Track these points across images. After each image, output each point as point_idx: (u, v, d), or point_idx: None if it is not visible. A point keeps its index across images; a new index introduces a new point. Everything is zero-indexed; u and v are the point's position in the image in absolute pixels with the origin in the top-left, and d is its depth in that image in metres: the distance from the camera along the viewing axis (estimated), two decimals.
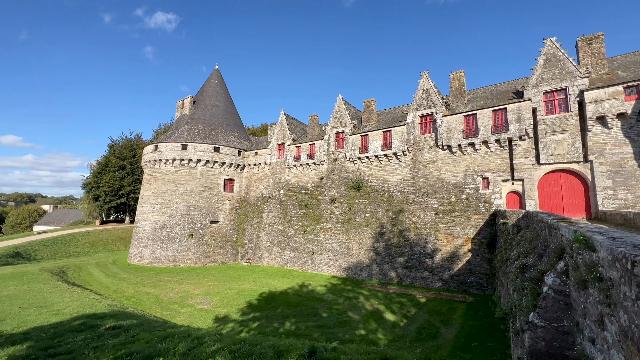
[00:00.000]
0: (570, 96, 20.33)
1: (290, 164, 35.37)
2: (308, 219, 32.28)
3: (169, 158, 36.32)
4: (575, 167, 20.03)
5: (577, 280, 4.65)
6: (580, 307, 4.80)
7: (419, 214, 25.20)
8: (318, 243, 30.76)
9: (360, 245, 27.82)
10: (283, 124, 38.00)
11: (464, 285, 22.02)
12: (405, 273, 24.73)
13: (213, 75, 45.64)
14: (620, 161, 18.55)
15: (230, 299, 20.96)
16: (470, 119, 23.75)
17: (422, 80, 27.31)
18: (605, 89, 18.93)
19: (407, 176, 26.62)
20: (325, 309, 18.53)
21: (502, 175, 22.21)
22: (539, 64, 21.69)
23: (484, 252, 21.62)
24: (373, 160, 28.98)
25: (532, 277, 6.81)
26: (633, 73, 19.60)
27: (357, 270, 27.40)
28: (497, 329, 14.02)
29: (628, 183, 18.21)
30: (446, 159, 24.79)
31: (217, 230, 36.77)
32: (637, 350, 2.64)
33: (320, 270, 29.94)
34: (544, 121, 21.12)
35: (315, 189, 32.81)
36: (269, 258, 34.76)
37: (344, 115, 32.22)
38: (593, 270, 3.89)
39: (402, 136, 27.00)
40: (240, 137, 42.52)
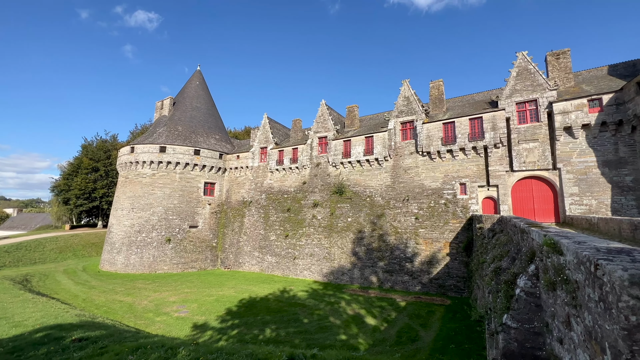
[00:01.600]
0: (540, 107, 21.47)
1: (273, 167, 35.10)
2: (290, 224, 32.05)
3: (146, 160, 35.10)
4: (545, 174, 21.10)
5: (547, 282, 4.86)
6: (550, 309, 5.01)
7: (400, 219, 25.63)
8: (300, 248, 30.56)
9: (342, 250, 27.89)
10: (266, 128, 37.73)
11: (443, 288, 22.51)
12: (386, 277, 24.99)
13: (194, 77, 44.76)
14: (585, 169, 19.72)
15: (209, 306, 20.35)
16: (448, 126, 24.53)
17: (403, 88, 28.00)
18: (571, 101, 20.15)
19: (389, 181, 27.06)
20: (306, 314, 18.36)
21: (478, 182, 23.03)
22: (512, 75, 22.81)
23: (462, 256, 22.24)
24: (355, 165, 29.27)
25: (505, 280, 7.06)
26: (596, 87, 20.98)
27: (339, 275, 27.41)
28: (474, 331, 14.39)
29: (592, 190, 19.37)
30: (426, 165, 25.43)
31: (196, 235, 35.75)
32: (600, 349, 2.77)
33: (302, 275, 29.72)
34: (516, 130, 22.15)
35: (297, 194, 32.68)
36: (249, 263, 34.15)
37: (327, 120, 32.43)
38: (561, 273, 4.08)
39: (383, 142, 27.48)
40: (222, 140, 41.80)
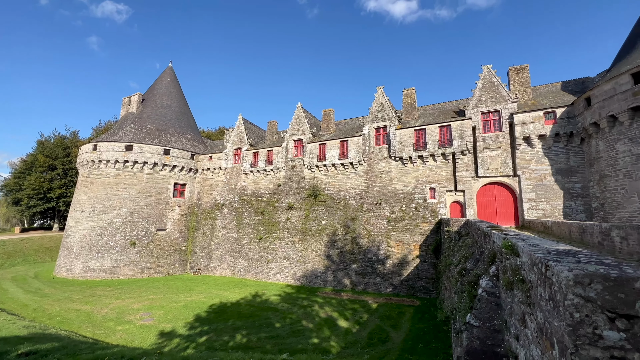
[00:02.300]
0: (503, 117, 22.96)
1: (247, 169, 34.50)
2: (264, 227, 31.60)
3: (110, 159, 33.11)
4: (506, 181, 22.53)
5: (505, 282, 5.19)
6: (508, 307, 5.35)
7: (373, 222, 26.16)
8: (274, 251, 30.21)
9: (316, 253, 27.94)
10: (240, 129, 37.05)
11: (413, 289, 23.23)
12: (359, 279, 25.35)
13: (166, 73, 43.02)
14: (541, 176, 21.33)
15: (177, 312, 19.49)
16: (420, 133, 25.50)
17: (377, 95, 28.74)
18: (529, 113, 21.75)
19: (362, 185, 27.56)
20: (279, 318, 18.14)
21: (446, 186, 24.10)
22: (478, 87, 24.21)
23: (430, 258, 23.10)
24: (330, 169, 29.52)
25: (469, 281, 7.44)
26: (551, 101, 22.82)
27: (312, 278, 27.40)
28: (441, 330, 14.96)
29: (547, 195, 20.98)
30: (398, 169, 26.22)
31: (164, 238, 34.17)
32: (550, 344, 3.01)
33: (275, 279, 29.36)
34: (481, 138, 23.50)
35: (272, 196, 32.33)
36: (221, 267, 33.18)
37: (303, 123, 32.48)
38: (517, 274, 4.38)
39: (358, 146, 27.98)
40: (194, 139, 40.43)
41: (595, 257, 3.05)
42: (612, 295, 2.32)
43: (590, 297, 2.37)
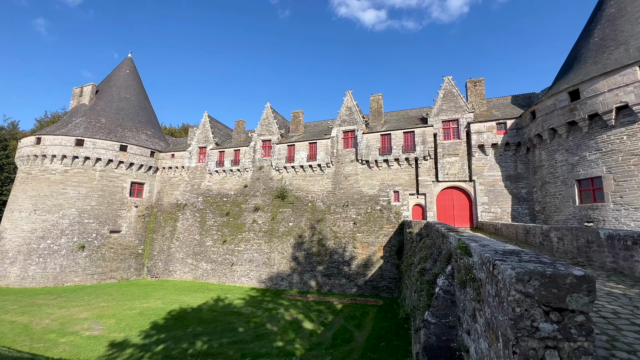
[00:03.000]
0: (461, 126, 24.57)
1: (212, 169, 33.31)
2: (229, 228, 30.68)
3: (57, 154, 30.16)
4: (463, 185, 24.10)
5: (459, 281, 5.55)
6: (461, 304, 5.72)
7: (339, 224, 26.54)
8: (239, 253, 29.43)
9: (283, 255, 27.69)
10: (206, 127, 35.71)
11: (376, 289, 23.90)
12: (325, 281, 25.55)
13: (124, 64, 40.20)
14: (493, 182, 23.11)
15: (130, 320, 18.20)
16: (385, 138, 26.41)
17: (346, 99, 29.31)
18: (484, 123, 23.50)
19: (330, 187, 27.88)
20: (242, 323, 17.69)
21: (409, 190, 25.19)
22: (440, 96, 25.68)
23: (394, 259, 23.96)
24: (298, 170, 29.50)
25: (428, 280, 7.83)
26: (502, 113, 24.85)
27: (278, 281, 27.11)
28: (402, 328, 15.57)
29: (498, 200, 22.77)
30: (364, 172, 26.91)
31: (118, 241, 31.78)
32: (495, 337, 3.27)
33: (240, 282, 28.60)
34: (442, 145, 24.92)
35: (238, 197, 31.52)
36: (181, 271, 31.61)
37: (272, 124, 32.13)
38: (469, 273, 4.70)
39: (326, 149, 28.28)
40: (155, 136, 38.18)
41: (535, 256, 3.38)
42: (547, 290, 2.58)
43: (529, 292, 2.62)
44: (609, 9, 19.41)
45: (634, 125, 15.48)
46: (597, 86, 16.62)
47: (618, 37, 17.70)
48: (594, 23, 19.99)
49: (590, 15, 21.19)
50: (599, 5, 20.63)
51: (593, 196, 17.10)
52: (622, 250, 7.83)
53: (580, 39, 20.95)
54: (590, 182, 17.27)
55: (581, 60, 19.19)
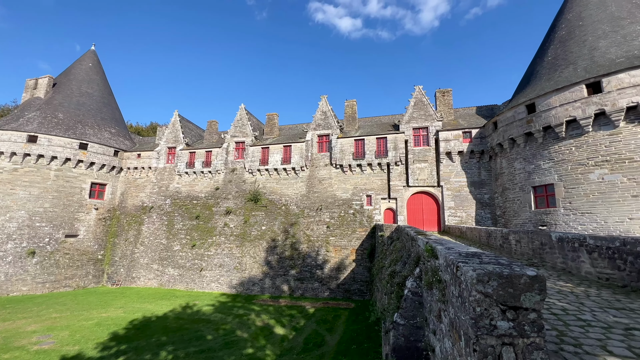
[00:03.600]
0: (430, 134, 25.66)
1: (182, 170, 32.03)
2: (199, 232, 29.59)
3: (5, 151, 27.53)
4: (432, 190, 25.12)
5: (426, 282, 5.76)
6: (428, 305, 5.94)
7: (313, 227, 26.56)
8: (208, 258, 28.44)
9: (255, 259, 27.16)
10: (176, 126, 34.35)
11: (348, 292, 24.13)
12: (297, 285, 25.38)
13: (87, 57, 37.69)
14: (459, 187, 24.32)
15: (86, 332, 16.90)
16: (359, 143, 26.93)
17: (321, 103, 29.56)
18: (451, 132, 24.72)
19: (304, 191, 27.86)
20: (211, 330, 17.07)
21: (381, 194, 25.82)
22: (411, 105, 26.68)
23: (366, 262, 24.36)
24: (272, 173, 29.20)
25: (397, 282, 8.05)
26: (468, 122, 26.30)
27: (250, 286, 26.52)
28: (373, 331, 15.82)
29: (463, 204, 23.98)
30: (338, 176, 27.21)
31: (74, 246, 29.47)
32: (458, 336, 3.43)
33: (209, 288, 27.61)
34: (412, 151, 25.86)
35: (209, 200, 30.54)
36: (146, 278, 29.93)
37: (246, 125, 31.60)
38: (436, 274, 4.90)
39: (301, 152, 28.28)
40: (120, 134, 36.05)
41: (494, 258, 3.60)
42: (504, 290, 2.76)
43: (489, 292, 2.79)
44: (560, 31, 21.32)
45: (581, 138, 17.04)
46: (550, 101, 18.13)
47: (568, 57, 19.47)
48: (548, 43, 21.85)
49: (545, 36, 23.13)
50: (552, 28, 22.59)
51: (546, 202, 18.54)
52: (570, 252, 8.55)
53: (536, 56, 22.78)
54: (544, 189, 18.72)
55: (537, 77, 20.86)
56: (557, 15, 22.60)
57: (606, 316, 4.87)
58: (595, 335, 4.08)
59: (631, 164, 15.26)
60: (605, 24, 19.04)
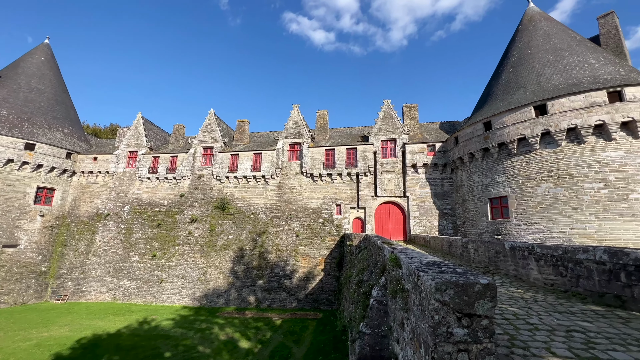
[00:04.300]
0: (397, 146, 26.71)
1: (144, 176, 30.27)
2: (160, 241, 27.93)
3: None
4: (398, 201, 26.00)
5: (391, 291, 5.91)
6: (393, 314, 6.07)
7: (282, 236, 26.22)
8: (170, 269, 26.87)
9: (220, 270, 26.13)
10: (139, 129, 32.55)
11: (316, 302, 23.96)
12: (264, 296, 24.75)
13: (39, 50, 34.74)
14: (424, 198, 25.43)
15: (23, 354, 15.09)
16: (330, 152, 27.30)
17: (293, 112, 29.68)
18: (417, 145, 25.93)
19: (274, 199, 27.52)
20: (170, 347, 16.03)
21: (350, 204, 26.23)
22: (380, 117, 27.67)
23: (334, 271, 24.42)
24: (241, 181, 28.56)
25: (364, 292, 8.16)
26: (432, 136, 27.77)
27: (214, 298, 25.38)
28: (340, 341, 15.79)
29: (427, 214, 25.06)
30: (309, 185, 27.27)
31: (14, 257, 26.42)
32: (418, 344, 3.54)
33: (170, 301, 26.01)
34: (381, 162, 26.69)
35: (172, 207, 29.06)
36: (98, 291, 27.53)
37: (215, 131, 30.77)
38: (399, 283, 5.05)
39: (271, 160, 28.02)
40: (74, 135, 33.37)
41: (452, 267, 3.79)
42: (460, 298, 2.91)
43: (446, 301, 2.92)
44: (512, 57, 23.46)
45: (530, 154, 18.69)
46: (504, 120, 19.75)
47: (519, 81, 21.44)
48: (502, 67, 23.91)
49: (500, 60, 25.30)
50: (505, 53, 24.80)
51: (501, 213, 19.95)
52: (521, 260, 9.23)
53: (492, 78, 24.79)
54: (499, 201, 20.16)
55: (493, 97, 22.67)
56: (510, 43, 24.87)
57: (551, 319, 5.30)
58: (541, 338, 4.41)
59: (572, 179, 16.96)
60: (550, 53, 21.28)
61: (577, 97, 17.34)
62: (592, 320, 5.22)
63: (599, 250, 6.46)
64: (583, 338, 4.36)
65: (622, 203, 15.57)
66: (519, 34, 24.41)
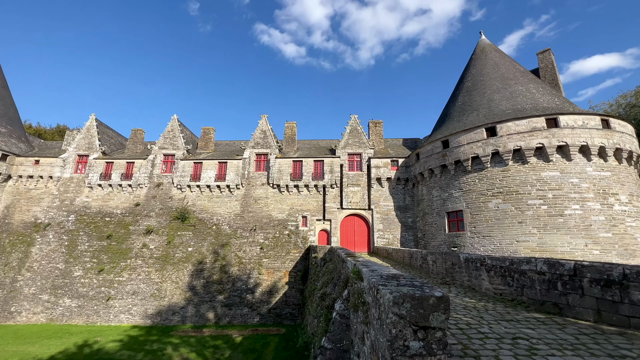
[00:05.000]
0: (363, 160, 27.50)
1: (94, 182, 27.87)
2: (109, 254, 25.62)
3: None
4: (363, 213, 26.56)
5: (353, 305, 5.94)
6: (354, 327, 6.09)
7: (245, 249, 25.39)
8: (119, 285, 24.65)
9: (177, 285, 24.50)
10: (92, 131, 30.13)
11: (280, 317, 23.30)
12: (225, 312, 23.57)
13: None
14: (387, 211, 26.25)
15: None
16: (297, 164, 27.31)
17: (261, 122, 29.43)
18: (381, 159, 26.90)
19: (238, 210, 26.72)
20: None
21: (316, 215, 26.27)
22: (347, 132, 28.40)
23: (298, 284, 24.04)
24: (204, 190, 27.42)
25: (327, 305, 8.10)
26: (396, 152, 29.02)
27: (169, 315, 23.64)
28: (303, 357, 15.41)
29: (390, 227, 25.85)
30: (275, 196, 26.92)
31: None
32: (377, 358, 3.57)
33: (117, 321, 23.73)
34: (347, 175, 27.22)
35: (126, 217, 26.96)
36: (30, 312, 24.34)
37: (178, 137, 29.43)
38: (361, 297, 5.10)
39: (237, 170, 27.34)
40: (12, 135, 29.96)
41: (410, 280, 3.92)
42: (416, 311, 3.00)
43: (403, 314, 2.99)
44: (467, 82, 25.57)
45: (482, 172, 20.23)
46: (459, 139, 21.26)
47: (473, 104, 23.35)
48: (458, 91, 25.92)
49: (456, 84, 27.43)
50: (461, 78, 26.96)
51: (457, 226, 21.18)
52: (474, 271, 9.81)
53: (449, 100, 26.73)
54: (456, 215, 21.42)
55: (450, 117, 24.38)
56: (465, 69, 27.13)
57: (499, 328, 5.65)
58: (490, 346, 4.67)
59: (517, 196, 18.59)
60: (498, 81, 23.53)
61: (521, 122, 19.25)
62: (535, 327, 5.65)
63: (539, 261, 7.08)
64: (527, 345, 4.69)
65: (558, 218, 17.33)
66: (473, 62, 26.74)
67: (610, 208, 17.23)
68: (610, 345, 4.64)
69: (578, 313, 6.10)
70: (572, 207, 17.34)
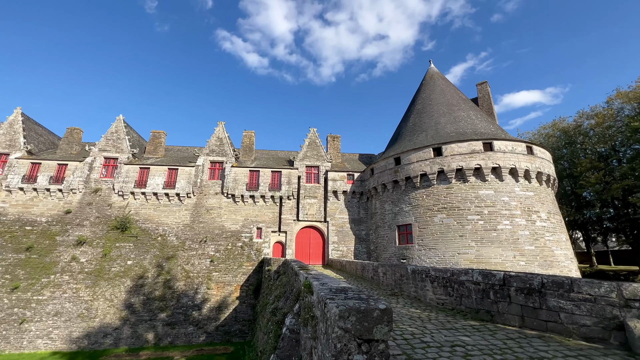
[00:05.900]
0: (320, 172, 27.89)
1: (14, 185, 24.24)
2: (28, 269, 22.20)
3: None
4: (319, 225, 26.71)
5: (303, 319, 5.85)
6: (304, 343, 5.98)
7: (194, 261, 23.84)
8: (38, 304, 21.37)
9: (111, 303, 21.98)
10: (15, 127, 26.41)
11: (228, 335, 22.04)
12: (167, 331, 21.64)
13: None
14: (342, 224, 26.74)
15: None
16: (254, 174, 26.74)
17: (218, 129, 28.44)
18: (338, 173, 27.55)
19: (188, 220, 25.15)
20: None
21: (272, 227, 25.77)
22: (305, 144, 28.68)
23: (250, 299, 23.10)
24: (150, 198, 25.40)
25: (277, 320, 7.88)
26: (352, 166, 29.97)
27: (99, 338, 20.99)
28: None
29: (345, 239, 26.32)
30: (229, 207, 25.90)
31: None
32: None
33: (33, 347, 20.41)
34: (304, 187, 27.31)
35: (53, 226, 23.75)
36: None
37: (123, 140, 27.08)
38: (310, 311, 5.05)
39: (189, 177, 25.88)
40: None
41: (357, 293, 3.99)
42: (360, 324, 3.05)
43: (348, 328, 3.02)
44: (418, 105, 27.66)
45: (429, 188, 21.75)
46: (410, 157, 22.71)
47: (422, 125, 25.23)
48: (410, 112, 27.87)
49: (408, 106, 29.49)
50: (413, 101, 29.09)
51: (407, 239, 22.31)
52: (420, 282, 10.35)
53: (402, 120, 28.57)
54: (405, 228, 22.58)
55: (402, 136, 26.00)
56: (416, 93, 29.36)
57: (440, 336, 5.98)
58: (432, 355, 4.91)
59: (459, 211, 20.25)
60: (444, 106, 25.82)
61: (463, 144, 21.24)
62: (470, 334, 6.10)
63: (475, 272, 7.72)
64: (463, 351, 5.03)
65: (492, 232, 19.20)
66: (423, 87, 29.07)
67: (534, 224, 19.58)
68: (532, 348, 5.18)
69: (506, 319, 6.73)
70: (503, 223, 19.35)
